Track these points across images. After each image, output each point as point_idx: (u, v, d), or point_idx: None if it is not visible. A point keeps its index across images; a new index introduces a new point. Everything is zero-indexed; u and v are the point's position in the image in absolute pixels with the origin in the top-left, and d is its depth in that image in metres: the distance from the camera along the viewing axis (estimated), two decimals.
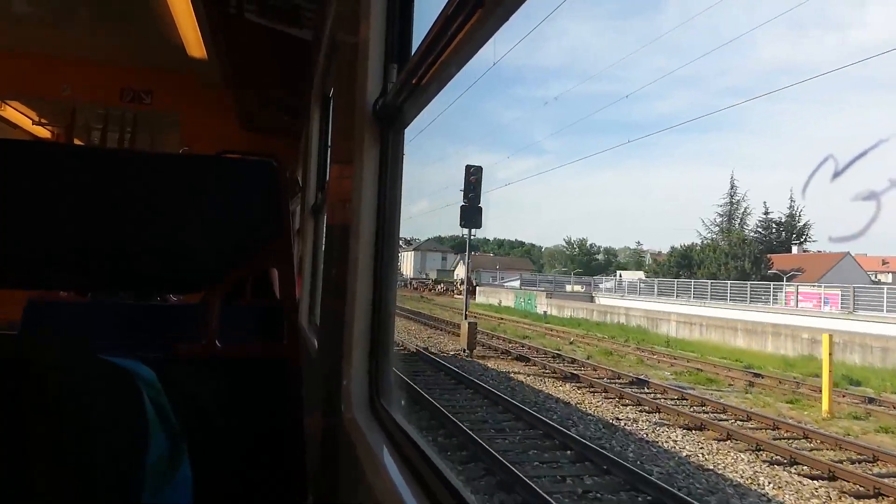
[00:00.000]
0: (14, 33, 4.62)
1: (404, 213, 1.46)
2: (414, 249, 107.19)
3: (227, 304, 2.10)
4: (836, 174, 0.61)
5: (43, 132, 6.61)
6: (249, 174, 2.14)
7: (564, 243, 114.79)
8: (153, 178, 2.04)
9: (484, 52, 0.99)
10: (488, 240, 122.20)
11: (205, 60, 4.69)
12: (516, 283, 59.13)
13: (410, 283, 75.92)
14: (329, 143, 3.69)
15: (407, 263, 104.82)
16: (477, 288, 55.90)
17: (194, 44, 4.44)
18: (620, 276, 62.68)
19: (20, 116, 6.30)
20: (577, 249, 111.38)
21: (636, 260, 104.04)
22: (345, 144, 1.68)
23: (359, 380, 1.40)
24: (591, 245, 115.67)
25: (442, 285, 69.20)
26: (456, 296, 56.87)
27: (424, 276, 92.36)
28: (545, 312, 38.82)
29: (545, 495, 6.66)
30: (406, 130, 1.40)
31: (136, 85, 5.39)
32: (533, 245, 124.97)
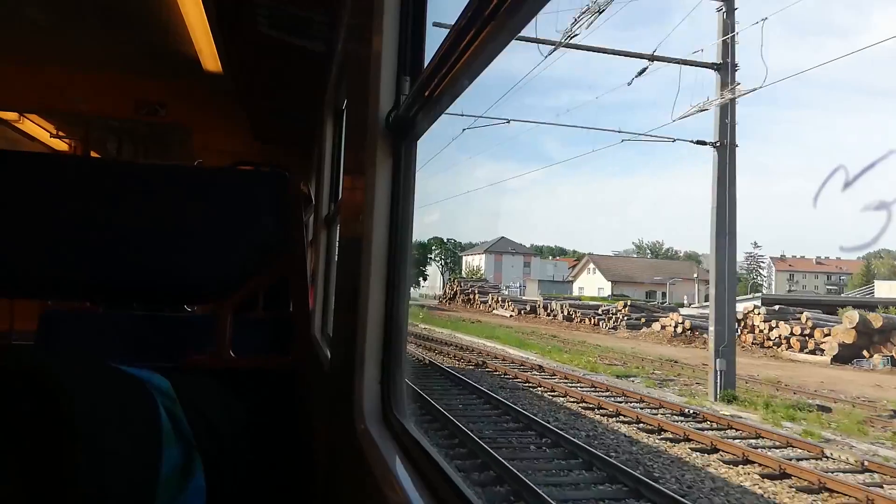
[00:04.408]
0: (30, 47, 4.69)
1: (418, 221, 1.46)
2: (485, 252, 78.23)
3: (240, 315, 2.11)
4: (847, 184, 0.61)
5: (60, 145, 6.70)
6: (262, 185, 2.15)
7: (634, 247, 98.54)
8: (167, 189, 2.06)
9: (496, 65, 1.00)
10: (523, 246, 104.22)
11: (219, 73, 4.74)
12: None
13: (548, 309, 41.15)
14: (342, 156, 3.71)
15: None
16: None
17: (209, 57, 4.49)
18: None
19: (38, 129, 6.39)
20: (650, 254, 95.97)
21: (752, 267, 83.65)
22: (357, 156, 1.70)
23: (371, 391, 1.40)
24: (667, 249, 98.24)
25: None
26: None
27: (510, 289, 56.26)
28: None
29: None
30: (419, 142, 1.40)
31: (151, 98, 5.46)
32: (573, 251, 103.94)
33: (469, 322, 37.54)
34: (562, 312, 40.18)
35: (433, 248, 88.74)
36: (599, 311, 37.93)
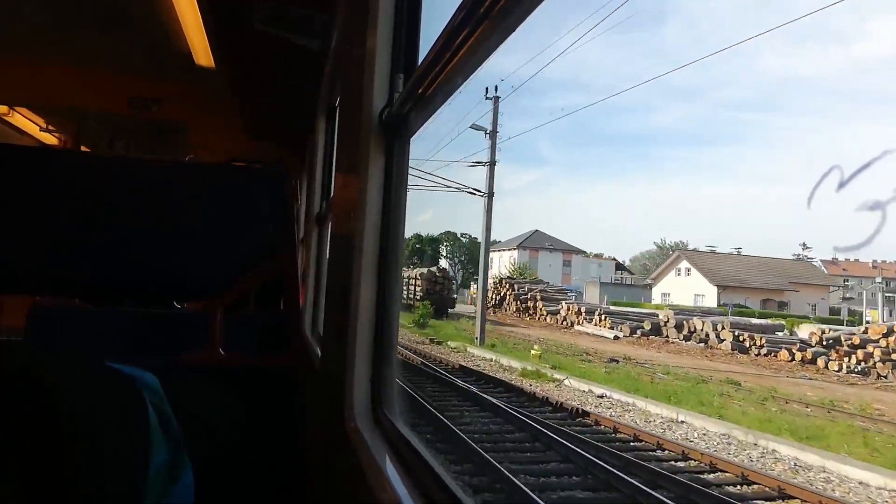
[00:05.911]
0: (25, 45, 4.66)
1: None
2: (518, 247, 63.30)
3: (231, 313, 2.10)
4: (842, 185, 0.61)
5: (50, 139, 6.65)
6: (256, 182, 2.15)
7: (656, 247, 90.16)
8: (160, 185, 2.05)
9: (489, 64, 1.00)
10: (562, 241, 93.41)
11: (212, 69, 4.72)
12: None
13: (685, 330, 25.38)
14: (334, 153, 3.71)
15: (499, 268, 58.12)
16: None
17: (202, 52, 4.47)
18: None
19: (28, 123, 6.34)
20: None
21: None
22: (350, 153, 1.69)
23: (362, 389, 1.40)
24: (694, 249, 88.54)
25: None
26: None
27: (563, 292, 40.49)
28: None
29: None
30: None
31: (144, 93, 5.43)
32: (577, 253, 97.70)
33: (608, 364, 19.30)
34: (717, 336, 23.72)
35: (445, 243, 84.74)
36: (815, 342, 20.79)
